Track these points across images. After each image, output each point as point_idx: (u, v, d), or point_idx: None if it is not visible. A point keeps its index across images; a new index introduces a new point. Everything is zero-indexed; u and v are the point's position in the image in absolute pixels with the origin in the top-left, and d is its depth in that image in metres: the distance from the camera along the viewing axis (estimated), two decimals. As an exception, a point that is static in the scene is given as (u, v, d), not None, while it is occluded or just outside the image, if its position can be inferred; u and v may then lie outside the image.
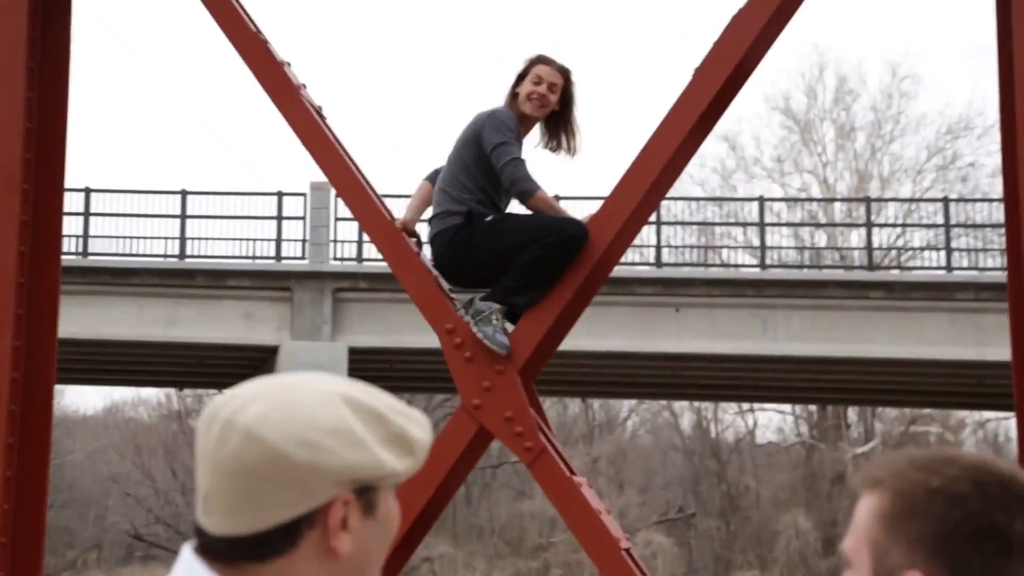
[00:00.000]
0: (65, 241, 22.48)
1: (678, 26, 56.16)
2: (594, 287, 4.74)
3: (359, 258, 20.53)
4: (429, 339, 5.30)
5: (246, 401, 1.30)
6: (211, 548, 1.30)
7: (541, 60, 4.85)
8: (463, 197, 4.68)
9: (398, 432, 1.32)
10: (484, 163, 4.66)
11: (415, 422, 1.35)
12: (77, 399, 54.40)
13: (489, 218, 4.69)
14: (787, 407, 34.20)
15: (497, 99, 4.88)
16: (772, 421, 43.32)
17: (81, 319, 18.89)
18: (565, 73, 4.85)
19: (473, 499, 34.42)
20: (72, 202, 20.57)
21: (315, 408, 1.30)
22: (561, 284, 4.60)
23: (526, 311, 4.63)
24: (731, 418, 35.41)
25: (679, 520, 33.13)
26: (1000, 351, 17.61)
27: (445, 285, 4.80)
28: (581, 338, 17.52)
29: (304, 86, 4.85)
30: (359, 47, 59.85)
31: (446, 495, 4.87)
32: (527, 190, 4.64)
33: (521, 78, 4.83)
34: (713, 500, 33.42)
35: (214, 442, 1.29)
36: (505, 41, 51.63)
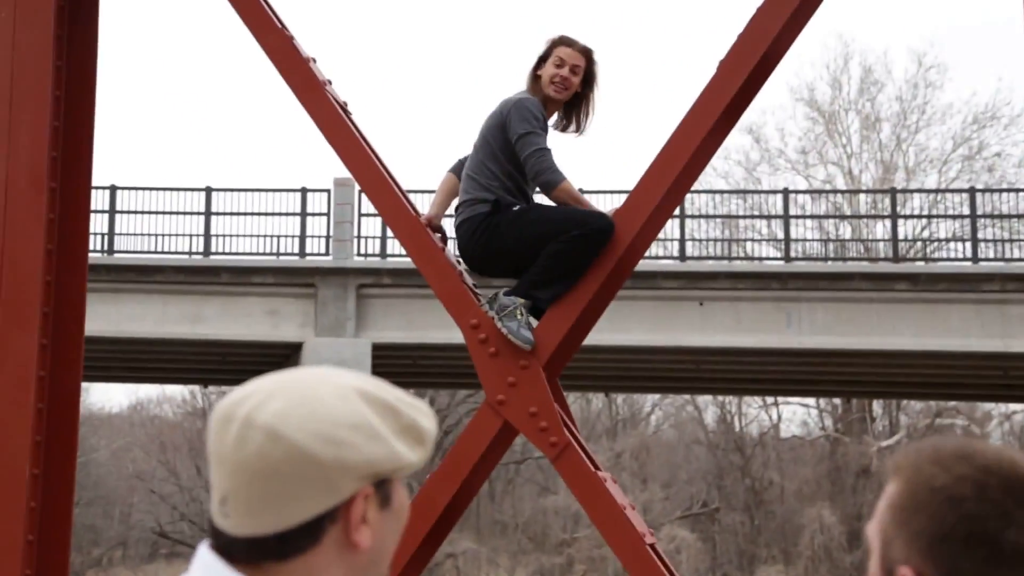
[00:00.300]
0: (91, 239, 22.67)
1: (703, 18, 55.96)
2: (619, 281, 4.72)
3: (383, 254, 20.56)
4: (453, 335, 5.31)
5: (262, 399, 1.28)
6: (230, 549, 1.29)
7: (563, 41, 4.80)
8: (491, 185, 4.67)
9: (410, 423, 1.33)
10: (511, 150, 4.64)
11: (423, 413, 1.36)
12: (102, 397, 54.71)
13: (516, 207, 4.67)
14: (811, 401, 34.06)
15: (519, 85, 4.85)
16: (796, 415, 43.19)
17: (106, 317, 19.00)
18: (587, 53, 4.79)
19: (497, 495, 34.43)
20: (98, 200, 20.68)
21: (334, 403, 1.29)
22: (586, 278, 4.58)
23: (550, 305, 4.61)
24: (755, 412, 35.30)
25: (703, 515, 33.04)
26: (1027, 343, 17.50)
27: (470, 280, 4.79)
28: (604, 332, 17.51)
29: (329, 82, 4.85)
30: (386, 43, 59.91)
31: (470, 491, 4.86)
32: (551, 181, 4.62)
33: (543, 60, 4.78)
34: (737, 494, 33.32)
35: (233, 442, 1.27)
36: (529, 30, 51.59)
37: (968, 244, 21.25)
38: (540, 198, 4.86)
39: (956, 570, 1.25)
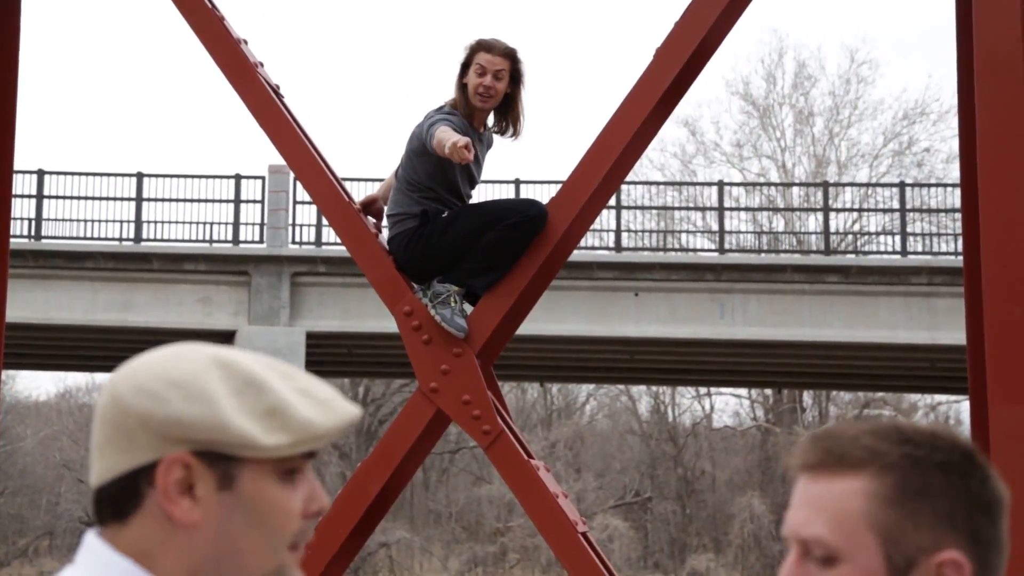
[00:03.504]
0: (17, 224, 22.21)
1: (641, 6, 56.22)
2: (553, 269, 4.72)
3: (318, 242, 20.41)
4: (388, 324, 5.27)
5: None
6: (95, 510, 1.29)
7: (481, 47, 4.62)
8: (416, 198, 4.60)
9: (275, 406, 1.25)
10: (430, 160, 4.55)
11: (314, 402, 1.27)
12: (29, 385, 53.81)
13: (445, 214, 4.62)
14: (743, 391, 34.44)
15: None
16: (729, 405, 43.66)
17: (33, 303, 18.66)
18: (510, 55, 4.64)
19: (431, 484, 34.41)
20: (25, 184, 20.29)
21: (173, 362, 1.26)
22: (520, 266, 4.57)
23: (485, 293, 4.60)
24: (688, 403, 35.62)
25: (636, 504, 33.30)
26: (952, 335, 17.86)
27: (403, 267, 4.75)
28: (540, 322, 17.58)
29: (261, 64, 4.78)
30: (322, 24, 59.43)
31: (403, 479, 4.84)
32: (431, 134, 4.38)
33: (465, 67, 4.62)
34: (669, 484, 33.62)
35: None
36: (473, 19, 51.48)
37: (897, 238, 21.61)
38: (475, 196, 4.83)
39: (980, 536, 1.25)
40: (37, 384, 64.12)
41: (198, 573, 1.24)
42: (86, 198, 20.61)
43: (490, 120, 4.78)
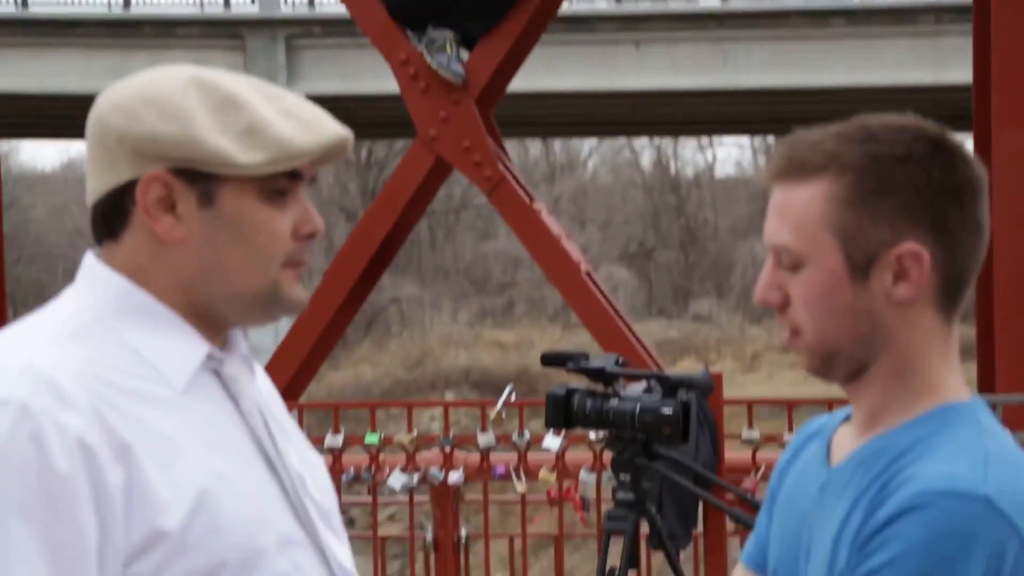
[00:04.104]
0: (2, -9, 21.43)
1: None
2: (550, 12, 4.67)
3: (311, 3, 19.99)
4: (388, 84, 5.22)
5: None
6: (92, 230, 1.33)
7: None
8: None
9: (253, 124, 1.25)
10: None
11: (296, 121, 1.28)
12: (34, 155, 53.88)
13: None
14: (745, 140, 34.38)
15: None
16: (731, 155, 43.64)
17: (27, 74, 18.47)
18: None
19: (437, 242, 34.84)
20: (6, -50, 19.70)
21: (152, 81, 1.28)
22: (516, 9, 4.51)
23: (481, 37, 4.55)
24: (690, 154, 35.62)
25: (639, 254, 33.81)
26: (958, 73, 17.64)
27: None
28: (540, 77, 17.34)
29: None
30: None
31: (406, 227, 4.93)
32: None
33: None
34: (672, 234, 34.03)
35: None
36: None
37: (904, -23, 21.05)
38: None
39: (945, 223, 1.26)
40: (42, 154, 64.19)
41: (189, 289, 1.29)
42: (71, -38, 20.03)
43: None
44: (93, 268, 1.31)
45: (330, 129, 1.31)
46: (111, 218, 1.30)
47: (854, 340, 1.28)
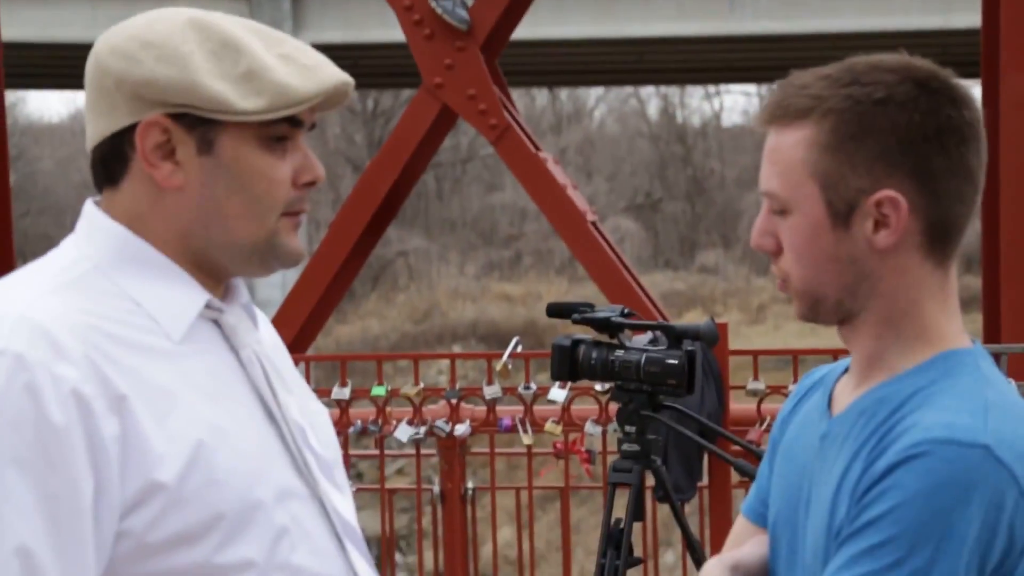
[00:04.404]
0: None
1: None
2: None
3: (314, -51, 19.81)
4: (393, 33, 5.17)
5: None
6: (92, 177, 1.31)
7: None
8: None
9: (252, 69, 1.24)
10: None
11: (297, 67, 1.26)
12: (41, 106, 53.96)
13: None
14: (752, 89, 34.13)
15: None
16: (738, 104, 43.32)
17: (31, 21, 18.34)
18: None
19: (444, 194, 34.76)
20: (5, -102, 19.51)
21: (150, 23, 1.26)
22: (520, -45, 4.46)
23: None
24: (697, 103, 35.41)
25: (646, 205, 33.73)
26: (966, 18, 17.49)
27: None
28: (545, 26, 17.22)
29: None
30: None
31: (412, 177, 4.90)
32: None
33: None
34: (679, 184, 33.92)
35: None
36: None
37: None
38: None
39: (929, 167, 1.23)
40: (48, 105, 64.08)
41: (188, 236, 1.27)
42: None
43: None
44: (92, 217, 1.30)
45: (330, 74, 1.29)
46: (110, 163, 1.28)
47: (839, 287, 1.27)
